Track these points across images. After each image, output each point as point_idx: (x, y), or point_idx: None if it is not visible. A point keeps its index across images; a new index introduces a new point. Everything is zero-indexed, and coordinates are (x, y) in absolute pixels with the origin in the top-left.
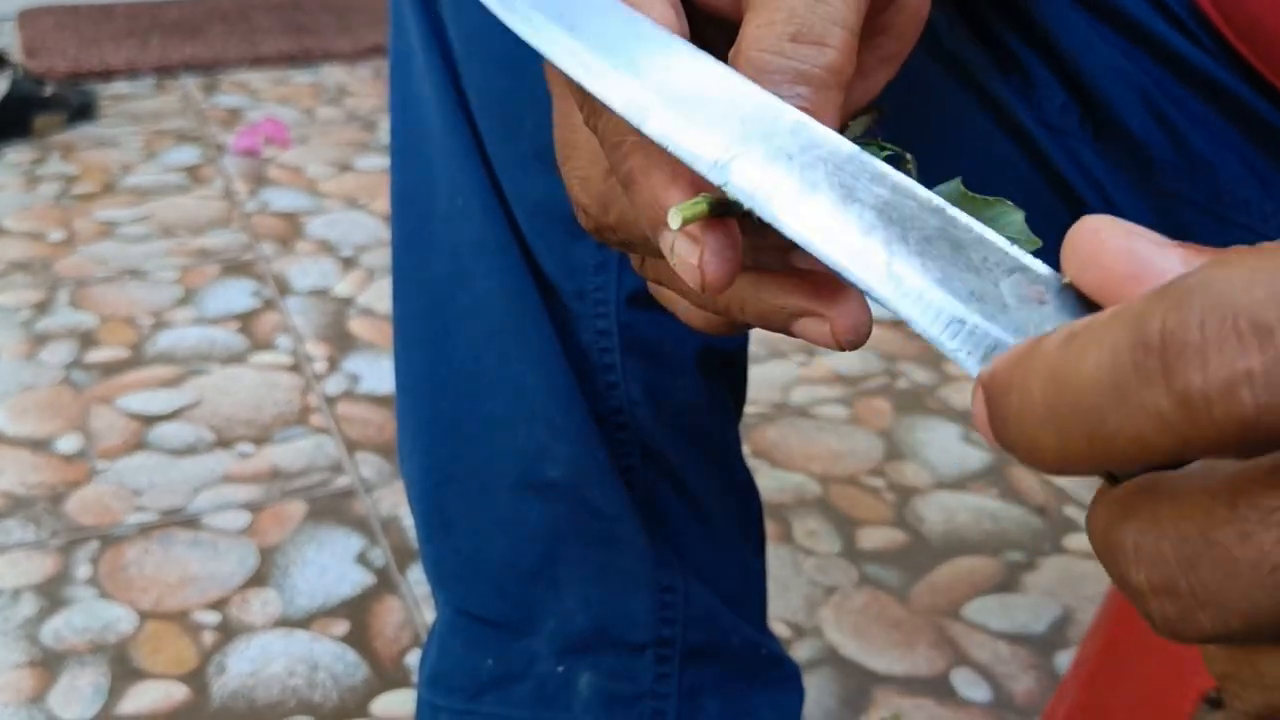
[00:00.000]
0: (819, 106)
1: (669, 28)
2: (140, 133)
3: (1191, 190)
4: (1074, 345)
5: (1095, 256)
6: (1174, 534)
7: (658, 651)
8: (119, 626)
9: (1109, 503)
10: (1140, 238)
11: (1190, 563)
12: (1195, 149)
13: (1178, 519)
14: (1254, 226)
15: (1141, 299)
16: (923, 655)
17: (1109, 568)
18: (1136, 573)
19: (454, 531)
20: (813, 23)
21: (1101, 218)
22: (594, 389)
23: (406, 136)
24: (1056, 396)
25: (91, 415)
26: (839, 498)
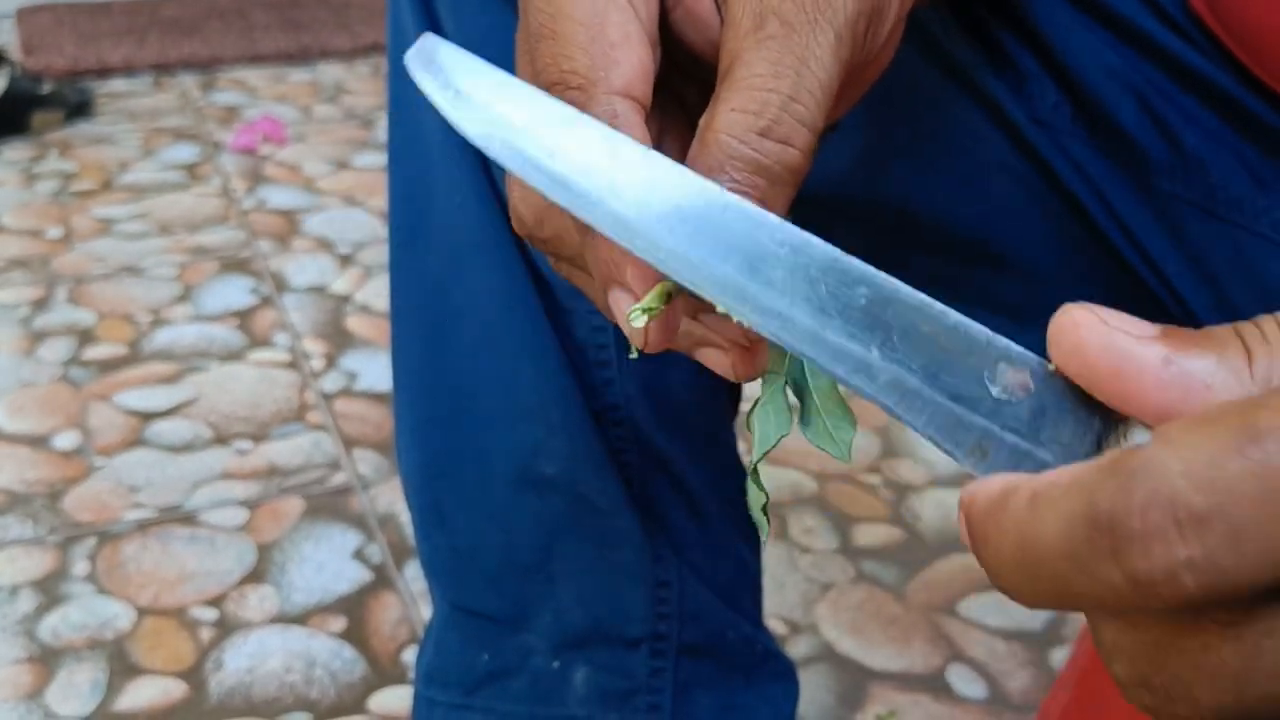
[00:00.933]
0: (772, 200)
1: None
2: (138, 130)
3: (1185, 188)
4: (1037, 511)
5: (1078, 351)
6: (1146, 637)
7: (653, 646)
8: (117, 623)
9: None
10: (1119, 332)
11: (1160, 664)
12: (1188, 147)
13: (1149, 624)
14: (1247, 224)
15: (1094, 471)
16: (919, 652)
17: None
18: (1115, 665)
19: (450, 527)
20: (783, 121)
21: (1081, 308)
22: (590, 385)
23: (404, 135)
24: (1024, 556)
25: (89, 412)
26: (835, 495)
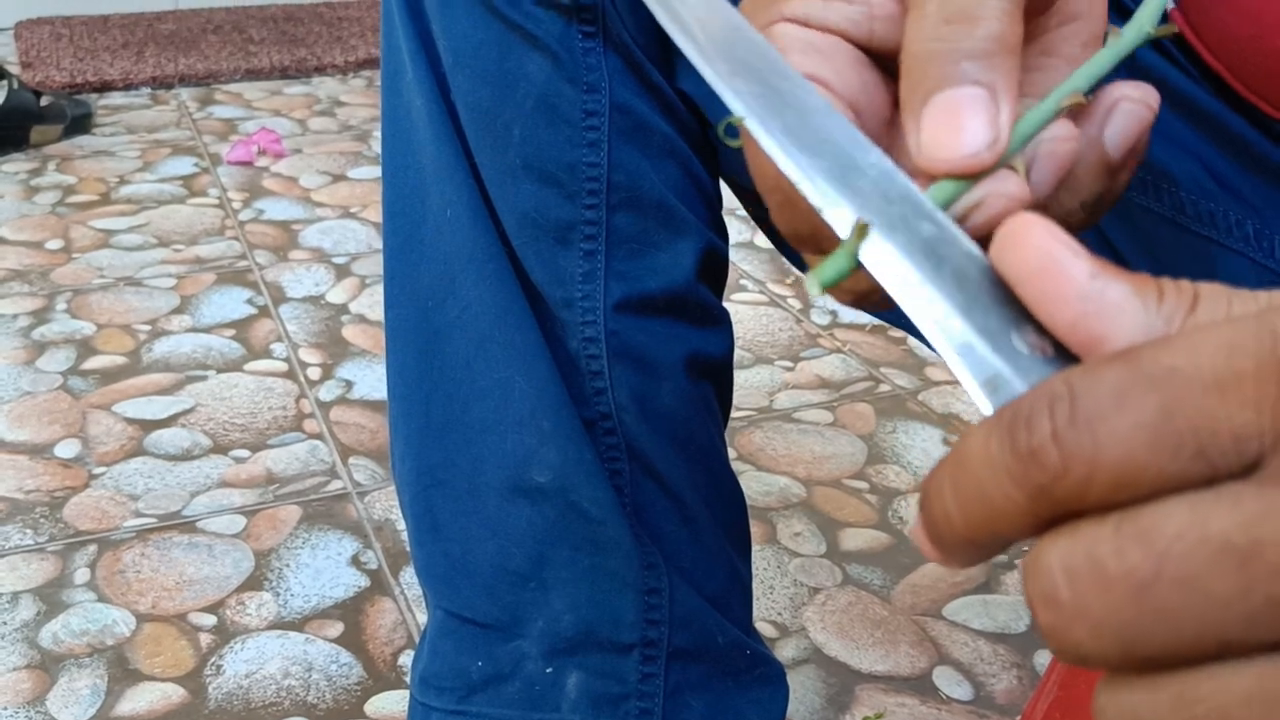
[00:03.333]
0: (992, 80)
1: None
2: (136, 143)
3: (1155, 203)
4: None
5: (1015, 243)
6: (1060, 546)
7: (644, 652)
8: (116, 629)
9: None
10: (1058, 241)
11: (1070, 574)
12: (1154, 160)
13: (1070, 535)
14: (1218, 239)
15: None
16: (905, 654)
17: None
18: (1030, 584)
19: (444, 535)
20: (962, 4)
21: (1035, 216)
22: (582, 395)
23: (398, 148)
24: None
25: (89, 421)
26: (823, 500)
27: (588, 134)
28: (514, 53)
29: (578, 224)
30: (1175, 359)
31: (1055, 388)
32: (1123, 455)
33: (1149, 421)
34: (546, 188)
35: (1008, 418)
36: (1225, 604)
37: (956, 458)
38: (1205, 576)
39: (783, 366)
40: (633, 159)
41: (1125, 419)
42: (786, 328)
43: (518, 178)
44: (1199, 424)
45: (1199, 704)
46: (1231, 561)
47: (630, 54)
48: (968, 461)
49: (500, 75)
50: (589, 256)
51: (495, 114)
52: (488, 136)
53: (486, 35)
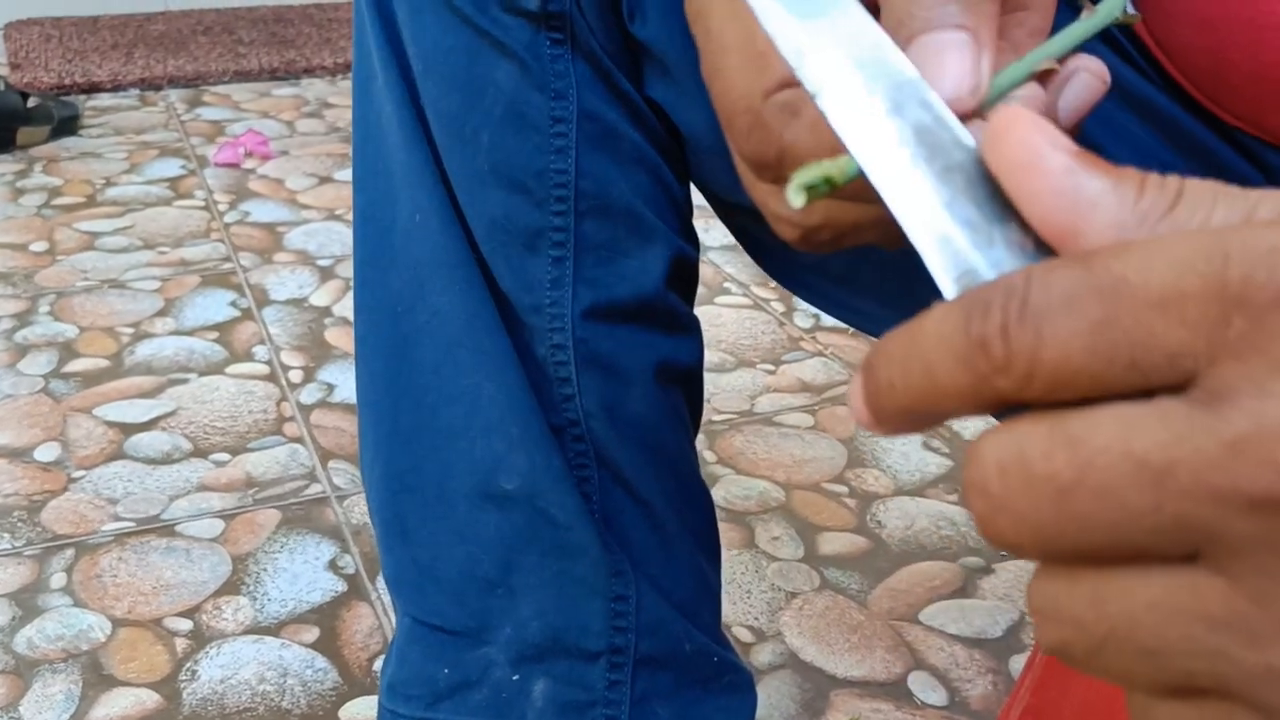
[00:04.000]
0: (975, 24)
1: None
2: (123, 145)
3: None
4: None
5: (999, 137)
6: (997, 441)
7: (610, 659)
8: (92, 634)
9: None
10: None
11: (1001, 468)
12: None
13: (1006, 429)
14: None
15: None
16: (881, 659)
17: None
18: (967, 472)
19: (412, 541)
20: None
21: (1024, 110)
22: (550, 401)
23: (368, 154)
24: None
25: (70, 424)
26: (802, 504)
27: (555, 141)
28: (482, 59)
29: (546, 231)
30: (1126, 268)
31: (1014, 281)
32: (1060, 357)
33: (1089, 329)
34: (515, 194)
35: (966, 302)
36: (1137, 517)
37: (911, 331)
38: (1122, 489)
39: (764, 370)
40: (601, 166)
41: (1068, 323)
42: (769, 331)
43: (486, 184)
44: (1137, 338)
45: (1109, 603)
46: (1147, 478)
47: (599, 61)
48: (921, 336)
49: (469, 82)
50: (557, 263)
51: (464, 120)
52: (456, 143)
53: (455, 42)
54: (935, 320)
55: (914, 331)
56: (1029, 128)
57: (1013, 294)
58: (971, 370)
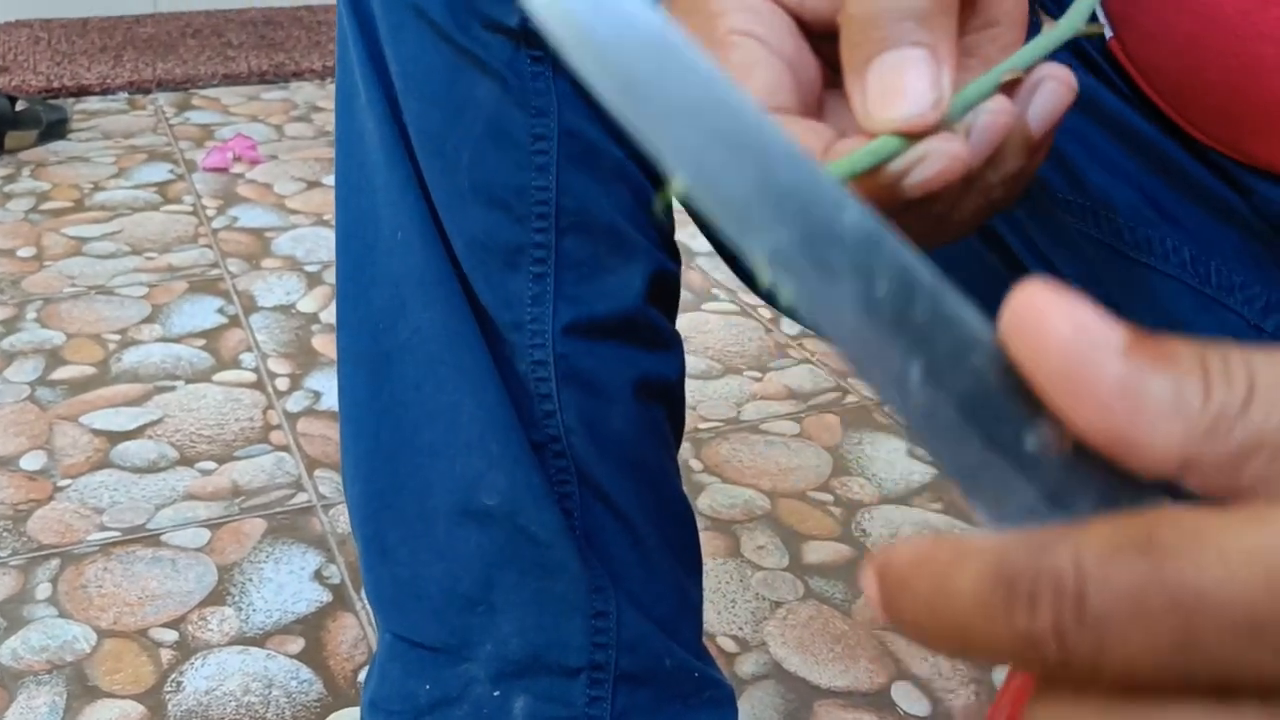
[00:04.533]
0: (933, 40)
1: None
2: (112, 149)
3: (1095, 229)
4: (959, 560)
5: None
6: None
7: (591, 675)
8: (77, 645)
9: None
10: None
11: None
12: (1094, 187)
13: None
14: (1156, 265)
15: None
16: (864, 669)
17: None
18: None
19: (393, 558)
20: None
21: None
22: (531, 418)
23: (351, 170)
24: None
25: (56, 433)
26: (787, 513)
27: (536, 158)
28: (463, 77)
29: (527, 247)
30: (1202, 579)
31: (1063, 571)
32: (1128, 666)
33: (1166, 646)
34: (495, 211)
35: (1005, 585)
36: None
37: (941, 586)
38: None
39: (751, 377)
40: (582, 183)
41: (1138, 637)
42: (756, 337)
43: (467, 201)
44: (1221, 658)
45: None
46: None
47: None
48: (954, 597)
49: (450, 99)
50: (538, 280)
51: (445, 137)
52: (437, 160)
53: (436, 59)
54: (969, 586)
55: (944, 589)
56: (1064, 319)
57: (1063, 591)
58: (1017, 654)
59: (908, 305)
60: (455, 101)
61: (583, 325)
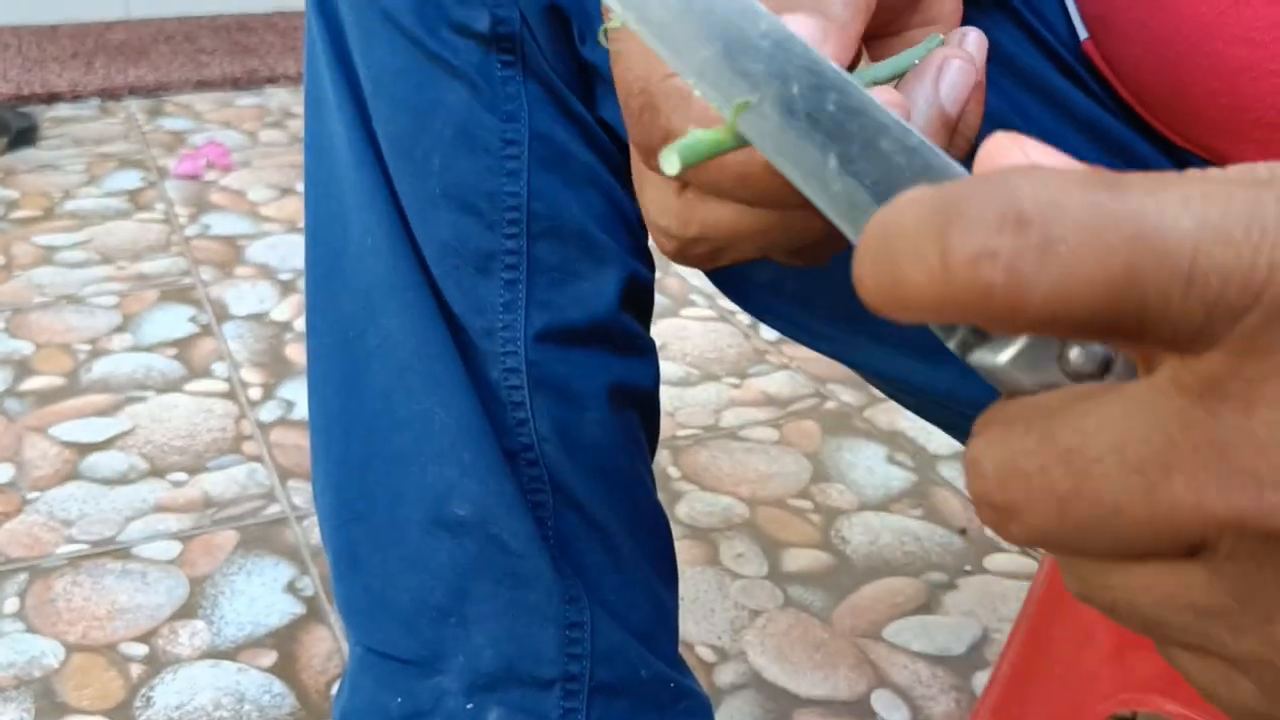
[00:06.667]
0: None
1: None
2: (82, 156)
3: None
4: (908, 202)
5: None
6: (994, 454)
7: (565, 687)
8: (44, 660)
9: (982, 414)
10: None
11: (1001, 481)
12: None
13: (1000, 440)
14: None
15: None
16: (844, 678)
17: None
18: (970, 483)
19: (364, 569)
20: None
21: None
22: (503, 426)
23: (320, 175)
24: (880, 241)
25: (24, 444)
26: (766, 520)
27: (507, 163)
28: (433, 81)
29: (498, 253)
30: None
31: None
32: (1063, 301)
33: (1107, 278)
34: (466, 217)
35: (947, 209)
36: (1134, 524)
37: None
38: (1118, 498)
39: (730, 383)
40: (553, 188)
41: (1088, 264)
42: (735, 343)
43: (437, 206)
44: (1152, 297)
45: (1111, 579)
46: (1140, 487)
47: (550, 82)
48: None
49: (419, 104)
50: (510, 286)
51: (415, 142)
52: (408, 165)
53: (406, 63)
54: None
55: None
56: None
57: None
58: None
59: (820, 100)
60: (425, 106)
61: (555, 332)
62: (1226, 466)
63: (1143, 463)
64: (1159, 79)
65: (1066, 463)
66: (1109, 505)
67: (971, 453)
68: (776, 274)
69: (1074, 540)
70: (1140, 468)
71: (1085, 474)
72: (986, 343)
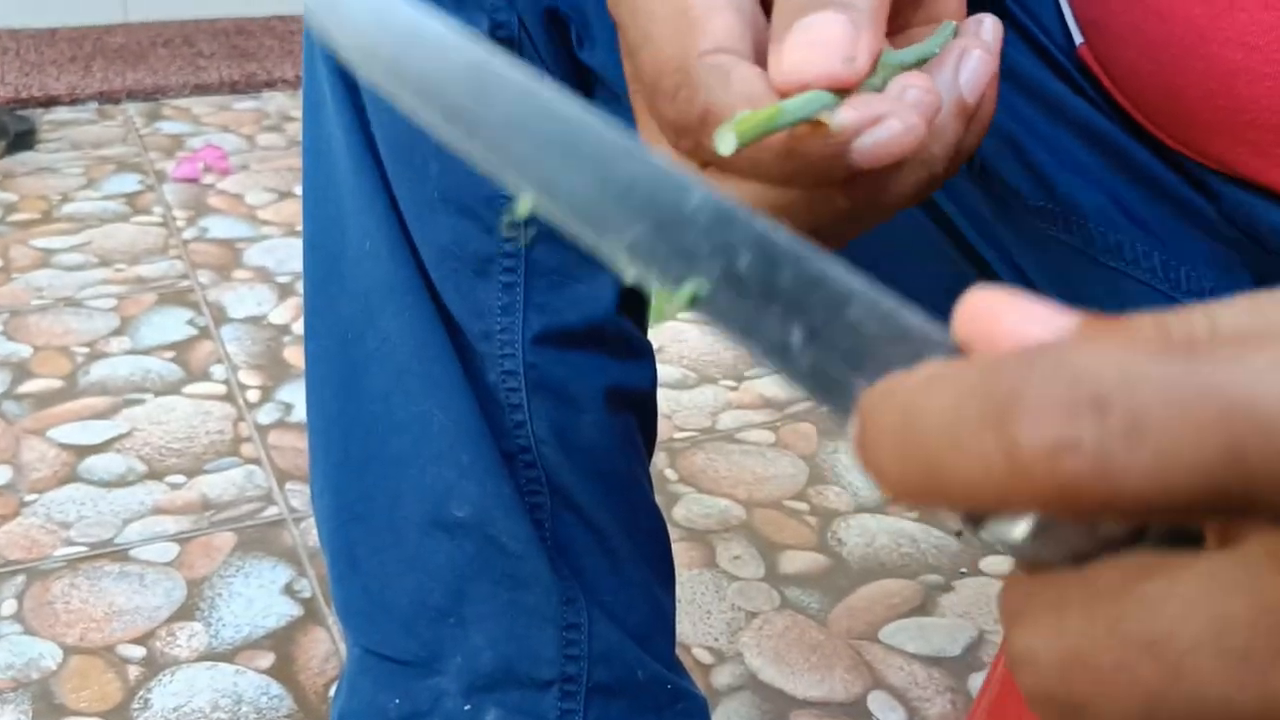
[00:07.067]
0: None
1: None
2: (80, 160)
3: (1065, 235)
4: (931, 384)
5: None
6: (1051, 647)
7: (563, 688)
8: (42, 662)
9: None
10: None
11: (1068, 680)
12: (1064, 192)
13: (1055, 630)
14: (1127, 271)
15: (1004, 352)
16: (840, 679)
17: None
18: (1025, 680)
19: (362, 571)
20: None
21: (995, 291)
22: (501, 428)
23: (318, 179)
24: (904, 429)
25: (22, 447)
26: (763, 522)
27: None
28: None
29: (496, 256)
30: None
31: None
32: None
33: (1213, 459)
34: (465, 220)
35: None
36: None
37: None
38: (1225, 693)
39: (726, 386)
40: None
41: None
42: (731, 347)
43: (436, 210)
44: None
45: None
46: (1251, 677)
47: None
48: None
49: None
50: (508, 289)
51: (413, 146)
52: (406, 169)
53: None
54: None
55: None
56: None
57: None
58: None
59: (773, 273)
60: None
61: (553, 334)
62: None
63: (1249, 651)
64: (1154, 83)
65: (1154, 656)
66: (1213, 700)
67: (1019, 645)
68: None
69: None
70: (1247, 657)
71: (1179, 668)
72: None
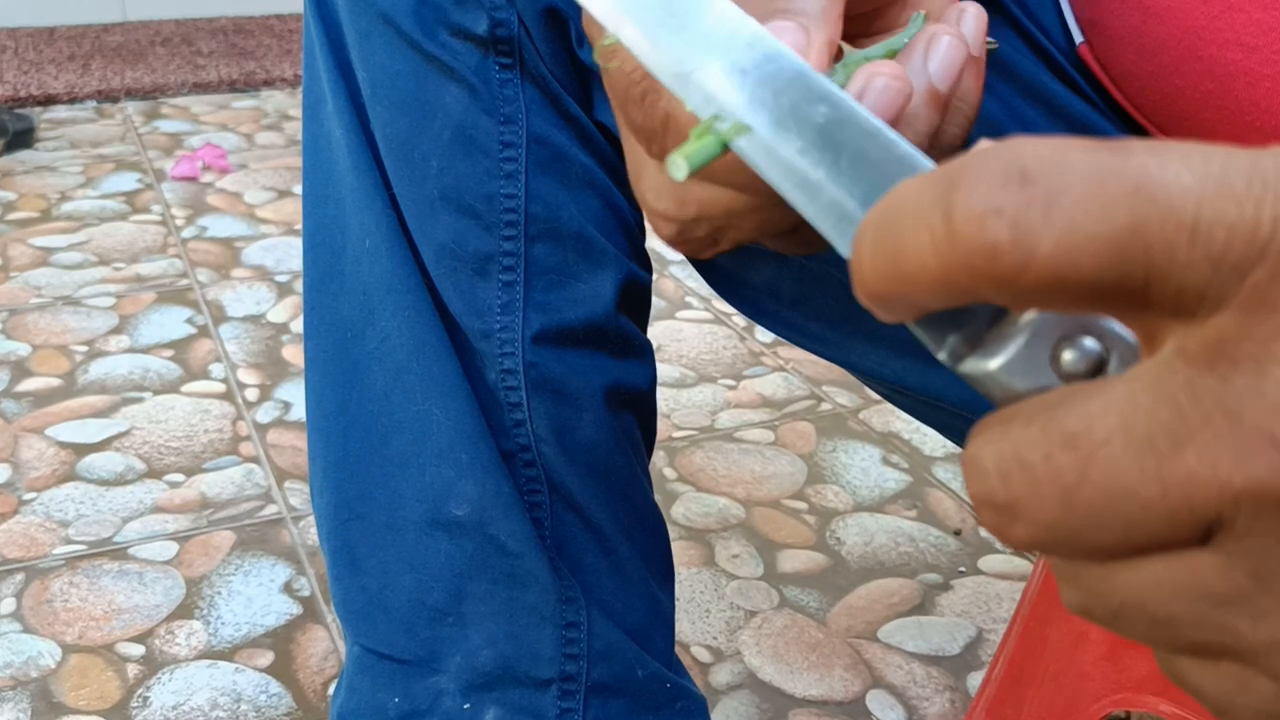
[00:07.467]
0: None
1: None
2: (79, 159)
3: None
4: (908, 182)
5: None
6: (993, 450)
7: (562, 687)
8: (42, 661)
9: (977, 423)
10: None
11: (1003, 476)
12: None
13: (1000, 436)
14: None
15: None
16: (839, 678)
17: None
18: (970, 484)
19: (361, 570)
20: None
21: None
22: (501, 427)
23: (318, 178)
24: (879, 223)
25: (21, 445)
26: (761, 521)
27: (505, 165)
28: (431, 84)
29: (496, 255)
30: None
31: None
32: (1069, 257)
33: (1113, 232)
34: (464, 219)
35: (947, 178)
36: (1147, 506)
37: (883, 206)
38: (1129, 481)
39: (725, 385)
40: (551, 190)
41: (1091, 219)
42: (730, 345)
43: (436, 209)
44: (1158, 255)
45: (1119, 578)
46: (1152, 467)
47: (547, 86)
48: (892, 203)
49: (418, 106)
50: (507, 288)
51: (413, 145)
52: (406, 167)
53: (404, 66)
54: (911, 195)
55: (888, 205)
56: None
57: (1014, 170)
58: (949, 253)
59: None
60: (423, 108)
61: (552, 333)
62: (1241, 434)
63: (1152, 439)
64: (1153, 84)
65: (1072, 448)
66: (1119, 488)
67: (970, 452)
68: (773, 276)
69: (1082, 534)
70: (1150, 445)
71: (1092, 457)
72: (978, 349)
